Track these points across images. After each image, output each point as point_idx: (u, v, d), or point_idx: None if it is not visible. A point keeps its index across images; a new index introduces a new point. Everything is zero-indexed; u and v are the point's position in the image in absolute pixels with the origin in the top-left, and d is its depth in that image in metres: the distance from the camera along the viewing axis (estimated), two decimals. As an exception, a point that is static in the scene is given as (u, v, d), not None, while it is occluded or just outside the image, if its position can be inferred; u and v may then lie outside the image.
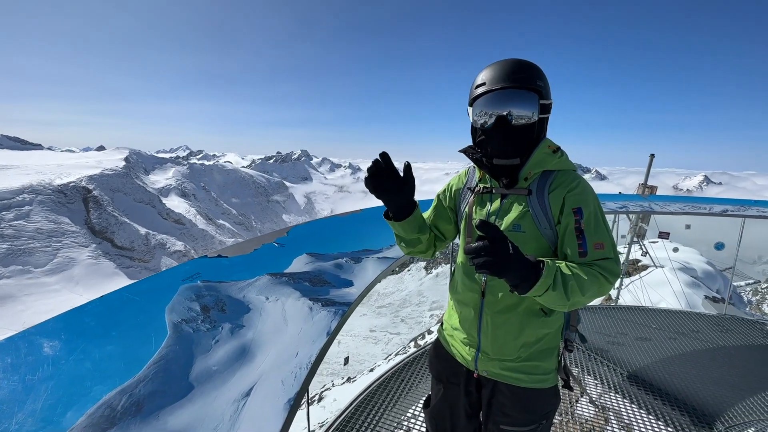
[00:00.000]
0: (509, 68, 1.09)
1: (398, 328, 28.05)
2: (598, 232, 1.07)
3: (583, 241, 1.05)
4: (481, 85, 1.12)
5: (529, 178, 1.15)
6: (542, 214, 1.11)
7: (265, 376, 1.07)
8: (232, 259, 1.86)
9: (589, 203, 1.09)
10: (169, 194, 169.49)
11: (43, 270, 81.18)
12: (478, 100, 1.13)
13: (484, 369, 1.24)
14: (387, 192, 1.15)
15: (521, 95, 1.08)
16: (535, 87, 1.09)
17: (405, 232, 1.27)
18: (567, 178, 1.13)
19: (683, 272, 9.84)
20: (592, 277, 1.00)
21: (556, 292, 0.94)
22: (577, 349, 3.61)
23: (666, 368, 3.32)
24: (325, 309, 1.48)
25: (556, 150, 1.17)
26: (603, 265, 1.04)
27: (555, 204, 1.10)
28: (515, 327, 1.17)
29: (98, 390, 0.93)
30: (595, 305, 5.23)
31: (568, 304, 0.97)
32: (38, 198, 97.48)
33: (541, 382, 1.20)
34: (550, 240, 1.12)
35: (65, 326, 1.17)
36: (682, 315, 4.54)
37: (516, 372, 1.20)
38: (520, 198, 1.15)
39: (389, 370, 3.22)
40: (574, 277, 0.97)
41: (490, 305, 1.19)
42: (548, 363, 1.22)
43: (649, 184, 7.64)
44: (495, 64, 1.13)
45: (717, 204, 5.14)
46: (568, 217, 1.08)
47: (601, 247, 1.05)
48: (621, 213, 4.74)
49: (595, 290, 1.01)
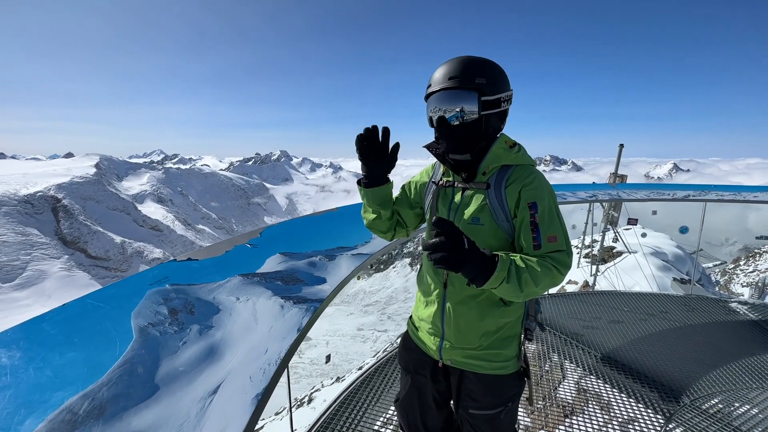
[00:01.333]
0: (450, 68, 1.14)
1: (385, 325, 28.17)
2: (552, 225, 1.11)
3: (537, 235, 1.10)
4: (428, 86, 1.19)
5: (487, 173, 1.19)
6: (499, 208, 1.15)
7: (233, 374, 1.08)
8: (202, 262, 1.84)
9: (544, 198, 1.13)
10: (145, 200, 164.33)
11: (11, 285, 77.49)
12: (428, 100, 1.19)
13: (448, 358, 1.29)
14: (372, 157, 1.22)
15: (458, 95, 1.12)
16: (473, 86, 1.11)
17: (368, 200, 1.33)
18: (524, 173, 1.17)
19: (654, 257, 10.27)
20: (545, 269, 1.05)
21: (510, 284, 0.99)
22: (555, 335, 3.74)
23: (637, 348, 3.47)
24: (297, 306, 1.49)
25: (513, 145, 1.22)
26: (555, 257, 1.09)
27: (511, 198, 1.15)
28: (476, 316, 1.22)
29: (59, 396, 0.92)
30: (573, 292, 5.41)
31: (522, 295, 1.03)
32: (2, 209, 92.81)
33: (502, 368, 1.25)
34: (508, 233, 1.17)
35: (24, 335, 1.14)
36: (651, 297, 4.75)
37: (478, 360, 1.25)
38: (480, 192, 1.19)
39: (372, 366, 3.25)
40: (528, 270, 1.02)
41: (452, 295, 1.24)
42: (509, 351, 1.27)
43: (620, 173, 7.92)
44: (443, 65, 1.17)
45: (680, 190, 5.39)
46: (524, 212, 1.12)
47: (554, 240, 1.10)
48: (591, 201, 4.91)
49: (548, 281, 1.06)
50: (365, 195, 1.33)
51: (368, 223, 1.42)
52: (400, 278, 37.95)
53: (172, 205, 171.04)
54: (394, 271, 39.36)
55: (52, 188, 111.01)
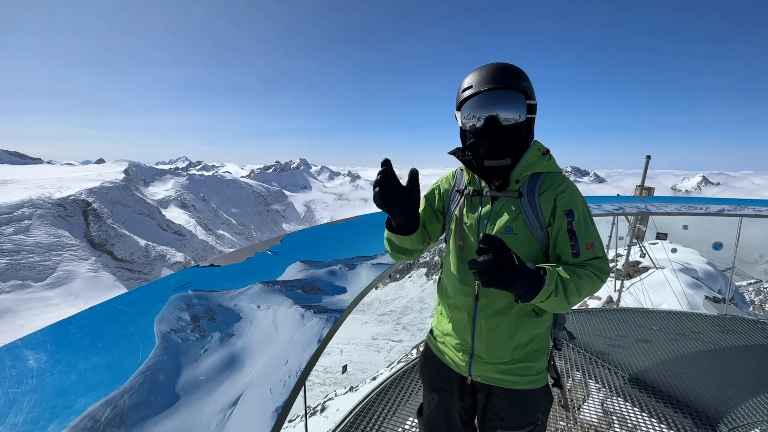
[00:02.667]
0: (495, 70, 1.11)
1: (400, 335, 27.88)
2: (588, 232, 1.10)
3: (575, 242, 1.08)
4: (468, 88, 1.13)
5: (519, 181, 1.15)
6: (533, 216, 1.12)
7: (253, 385, 1.06)
8: (224, 268, 1.85)
9: (578, 205, 1.12)
10: (169, 205, 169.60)
11: (42, 284, 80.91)
12: (466, 103, 1.14)
13: (477, 374, 1.23)
14: (397, 206, 1.10)
15: (509, 95, 1.10)
16: (521, 87, 1.11)
17: (412, 244, 1.26)
18: (556, 180, 1.15)
19: (684, 273, 9.82)
20: (587, 277, 1.04)
21: (558, 297, 0.97)
22: (578, 353, 3.59)
23: (667, 370, 3.29)
24: (317, 316, 1.47)
25: (545, 153, 1.18)
26: (595, 264, 1.08)
27: (546, 206, 1.12)
28: (509, 329, 1.17)
29: (82, 402, 0.92)
30: (596, 308, 5.21)
31: (568, 306, 1.01)
32: (38, 212, 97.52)
33: (534, 382, 1.20)
34: (541, 241, 1.14)
35: (52, 338, 1.16)
36: (682, 316, 4.51)
37: (509, 374, 1.19)
38: (511, 200, 1.15)
39: (389, 378, 3.19)
40: (572, 280, 1.00)
41: (484, 308, 1.18)
42: (539, 363, 1.22)
43: (646, 185, 7.66)
44: (480, 68, 1.14)
45: (714, 204, 5.15)
46: (561, 219, 1.10)
47: (592, 246, 1.09)
48: (618, 215, 4.75)
49: (590, 289, 1.05)
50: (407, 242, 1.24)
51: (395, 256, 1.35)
52: (415, 288, 37.62)
53: (194, 211, 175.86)
54: (410, 281, 39.08)
55: (84, 192, 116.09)
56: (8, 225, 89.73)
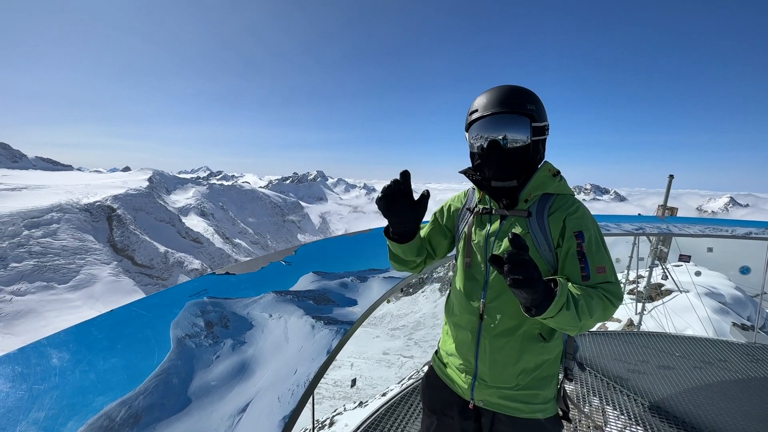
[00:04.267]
0: (501, 94, 1.13)
1: (412, 351, 27.40)
2: (599, 255, 1.07)
3: (585, 265, 1.05)
4: (474, 111, 1.17)
5: (529, 200, 1.16)
6: (542, 237, 1.11)
7: (262, 393, 1.08)
8: (239, 277, 1.89)
9: (589, 227, 1.10)
10: (189, 213, 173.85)
11: (66, 286, 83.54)
12: (473, 126, 1.17)
13: (480, 398, 1.20)
14: (398, 214, 1.13)
15: (513, 119, 1.12)
16: (526, 111, 1.12)
17: (405, 253, 1.27)
18: (566, 201, 1.15)
19: (710, 297, 9.40)
20: (598, 299, 1.00)
21: (570, 311, 0.92)
22: (595, 377, 3.47)
23: (691, 399, 3.13)
24: (327, 327, 1.49)
25: (555, 174, 1.19)
26: (607, 288, 1.04)
27: (555, 227, 1.11)
28: (514, 352, 1.14)
29: (100, 401, 0.95)
30: (616, 331, 5.03)
31: (579, 325, 0.96)
32: (65, 216, 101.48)
33: (540, 411, 1.16)
34: (549, 262, 1.12)
35: (75, 338, 1.21)
36: (707, 342, 4.31)
37: (514, 401, 1.16)
38: (520, 219, 1.15)
39: (398, 394, 3.15)
40: (583, 297, 0.97)
41: (488, 329, 1.16)
42: (547, 391, 1.18)
43: (669, 205, 7.43)
44: (488, 92, 1.17)
45: (740, 226, 4.95)
46: (570, 241, 1.08)
47: (603, 270, 1.05)
48: (638, 234, 4.62)
49: (600, 313, 1.00)
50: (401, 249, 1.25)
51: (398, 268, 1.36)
52: (428, 304, 37.11)
53: (213, 219, 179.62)
54: (422, 296, 38.60)
55: (109, 198, 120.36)
56: (38, 228, 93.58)
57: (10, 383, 0.96)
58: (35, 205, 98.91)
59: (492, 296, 1.15)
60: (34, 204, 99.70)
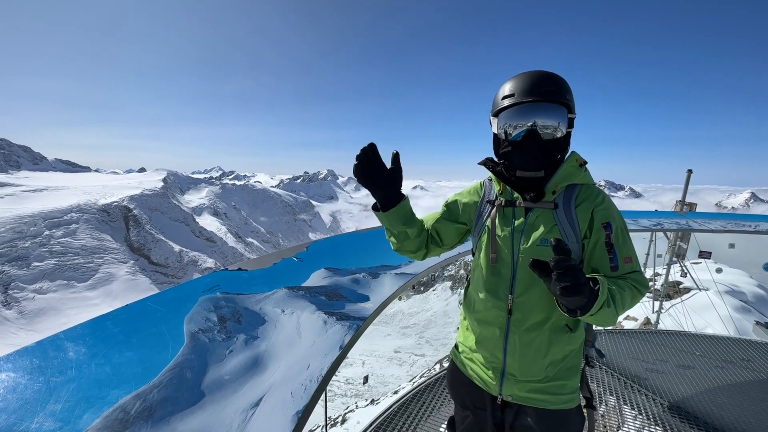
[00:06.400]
0: (539, 80, 1.08)
1: (423, 349, 27.35)
2: (626, 246, 1.08)
3: (614, 256, 1.06)
4: (509, 96, 1.10)
5: (556, 192, 1.13)
6: (570, 228, 1.09)
7: (275, 388, 1.07)
8: (251, 272, 1.90)
9: (615, 218, 1.10)
10: (202, 213, 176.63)
11: (85, 285, 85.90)
12: (505, 111, 1.12)
13: (509, 393, 1.18)
14: (374, 181, 1.16)
15: (552, 109, 1.08)
16: (564, 101, 1.08)
17: (390, 223, 1.23)
18: (592, 192, 1.13)
19: (731, 296, 9.12)
20: (629, 290, 1.02)
21: (610, 309, 0.94)
22: (612, 376, 3.40)
23: (712, 399, 3.04)
24: (340, 323, 1.48)
25: (582, 164, 1.16)
26: (635, 277, 1.07)
27: (583, 218, 1.09)
28: (543, 345, 1.13)
29: (115, 394, 0.96)
30: (633, 329, 4.92)
31: (615, 319, 0.98)
32: (84, 216, 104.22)
33: (567, 402, 1.15)
34: (576, 254, 1.10)
35: (91, 332, 1.23)
36: (729, 341, 4.18)
37: (542, 393, 1.15)
38: (546, 212, 1.12)
39: (410, 392, 3.13)
40: (618, 291, 0.98)
41: (518, 323, 1.14)
42: (573, 381, 1.18)
43: (687, 201, 7.22)
44: (524, 75, 1.11)
45: (763, 222, 4.78)
46: (599, 232, 1.08)
47: (629, 260, 1.08)
48: (656, 230, 4.50)
49: (631, 302, 1.03)
50: (386, 219, 1.23)
51: (396, 246, 1.34)
52: (440, 302, 36.96)
53: (225, 219, 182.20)
54: (434, 294, 38.47)
55: (126, 199, 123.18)
56: (58, 228, 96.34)
57: (29, 375, 0.98)
58: (56, 206, 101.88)
59: (520, 291, 1.13)
60: (54, 205, 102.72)
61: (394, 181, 1.17)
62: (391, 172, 1.16)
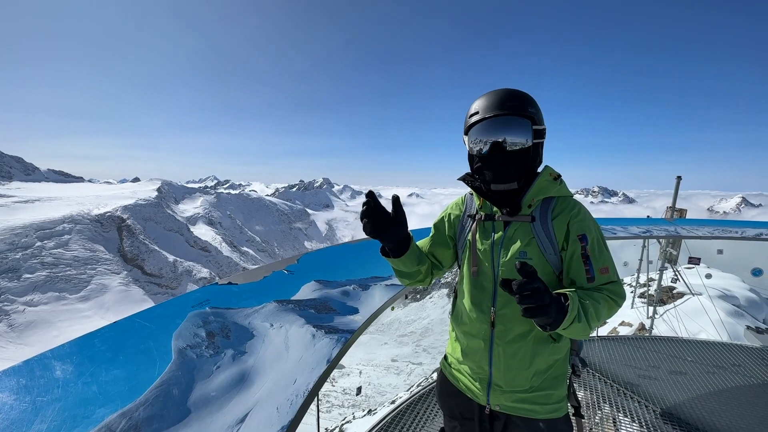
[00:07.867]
0: (501, 97, 1.14)
1: (420, 357, 27.15)
2: (602, 257, 1.10)
3: (590, 267, 1.09)
4: (474, 114, 1.16)
5: (532, 205, 1.17)
6: (547, 241, 1.13)
7: (261, 403, 1.08)
8: (241, 287, 1.90)
9: (591, 229, 1.12)
10: (197, 222, 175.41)
11: (77, 296, 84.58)
12: (473, 129, 1.17)
13: (496, 403, 1.21)
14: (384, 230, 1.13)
15: (515, 122, 1.12)
16: (527, 114, 1.12)
17: (405, 266, 1.25)
18: (568, 204, 1.16)
19: (723, 300, 9.20)
20: (604, 301, 1.04)
21: (581, 323, 0.96)
22: (605, 383, 3.41)
23: (704, 405, 3.06)
24: (328, 336, 1.49)
25: (556, 177, 1.20)
26: (611, 288, 1.08)
27: (559, 230, 1.12)
28: (527, 355, 1.16)
29: (101, 413, 0.97)
30: (626, 336, 4.95)
31: (589, 332, 1.00)
32: (77, 227, 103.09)
33: (555, 411, 1.17)
34: (555, 266, 1.14)
35: (78, 350, 1.23)
36: (720, 347, 4.22)
37: (529, 403, 1.17)
38: (524, 225, 1.16)
39: (406, 401, 3.13)
40: (591, 305, 1.00)
41: (501, 335, 1.17)
42: (559, 390, 1.20)
43: (679, 206, 7.32)
44: (487, 94, 1.17)
45: (751, 227, 4.86)
46: (575, 244, 1.10)
47: (606, 271, 1.09)
48: (645, 237, 4.56)
49: (606, 313, 1.05)
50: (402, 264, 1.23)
51: (408, 283, 1.37)
52: (436, 309, 36.80)
53: (220, 228, 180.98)
54: (430, 302, 38.31)
55: (119, 209, 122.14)
56: (50, 239, 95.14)
57: (15, 395, 0.98)
58: (48, 217, 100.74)
59: (502, 303, 1.16)
60: (46, 216, 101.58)
61: (401, 226, 1.16)
62: (397, 217, 1.14)
